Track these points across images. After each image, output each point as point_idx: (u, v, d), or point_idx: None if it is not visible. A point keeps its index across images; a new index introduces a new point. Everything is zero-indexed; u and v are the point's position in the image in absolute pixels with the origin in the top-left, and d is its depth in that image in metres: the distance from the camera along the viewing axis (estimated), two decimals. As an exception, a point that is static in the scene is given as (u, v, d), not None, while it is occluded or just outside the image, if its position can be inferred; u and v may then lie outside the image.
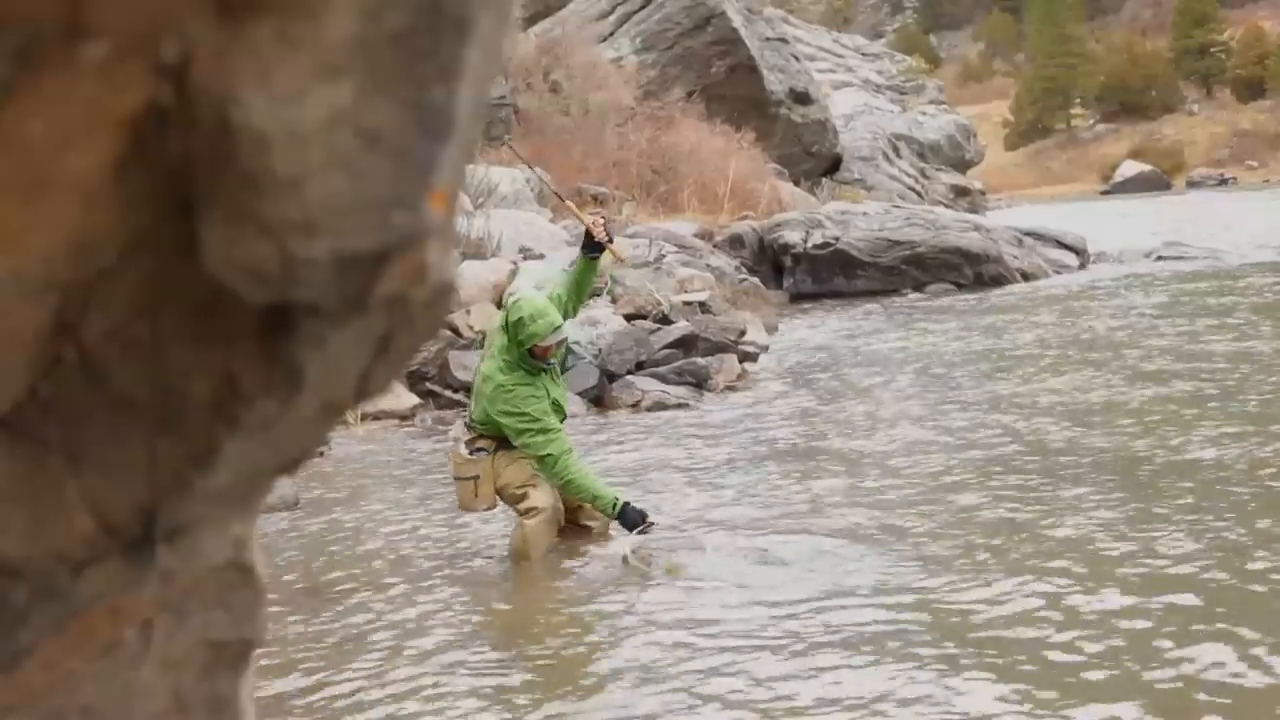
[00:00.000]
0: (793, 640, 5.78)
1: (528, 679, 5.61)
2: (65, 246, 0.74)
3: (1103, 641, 5.49)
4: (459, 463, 7.58)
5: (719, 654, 5.67)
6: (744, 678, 5.36)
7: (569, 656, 5.87)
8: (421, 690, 5.47)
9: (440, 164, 0.72)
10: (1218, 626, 5.58)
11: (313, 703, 5.43)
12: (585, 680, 5.58)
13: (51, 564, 0.82)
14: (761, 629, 5.96)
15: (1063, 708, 4.86)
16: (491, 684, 5.56)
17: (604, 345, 13.10)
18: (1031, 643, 5.55)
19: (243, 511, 0.91)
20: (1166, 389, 11.48)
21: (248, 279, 0.73)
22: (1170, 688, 5.00)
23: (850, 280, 23.21)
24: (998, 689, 5.08)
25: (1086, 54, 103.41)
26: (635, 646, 5.88)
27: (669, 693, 5.26)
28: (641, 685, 5.41)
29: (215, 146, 0.70)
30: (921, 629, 5.83)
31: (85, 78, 0.70)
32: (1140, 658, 5.29)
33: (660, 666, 5.57)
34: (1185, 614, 5.75)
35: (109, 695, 0.88)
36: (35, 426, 0.79)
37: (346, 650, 6.04)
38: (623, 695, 5.33)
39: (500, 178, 19.90)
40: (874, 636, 5.77)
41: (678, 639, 5.89)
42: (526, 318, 7.32)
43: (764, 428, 11.24)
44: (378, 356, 0.79)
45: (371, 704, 5.36)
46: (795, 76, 34.18)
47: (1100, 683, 5.08)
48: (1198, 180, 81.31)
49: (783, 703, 5.09)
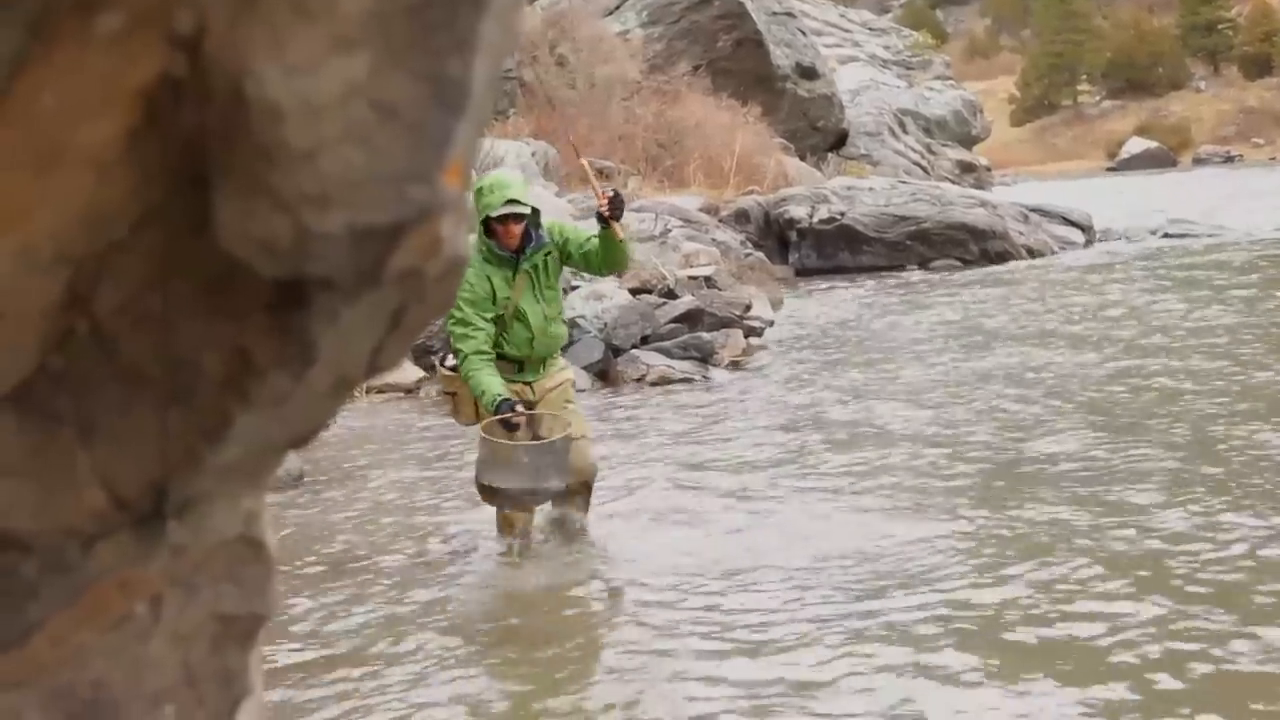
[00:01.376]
0: (785, 627, 5.79)
1: (524, 658, 5.63)
2: (78, 219, 0.73)
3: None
4: (441, 376, 7.25)
5: (724, 632, 5.69)
6: (742, 648, 5.39)
7: (573, 630, 5.89)
8: (412, 671, 5.49)
9: (455, 138, 0.72)
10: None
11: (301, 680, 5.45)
12: (585, 661, 5.60)
13: (62, 538, 0.82)
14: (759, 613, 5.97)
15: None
16: (493, 660, 5.58)
17: (609, 319, 13.09)
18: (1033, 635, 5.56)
19: (253, 486, 0.91)
20: (1180, 362, 11.48)
21: (261, 252, 0.72)
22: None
23: (855, 256, 23.17)
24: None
25: (1093, 30, 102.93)
26: (638, 632, 5.90)
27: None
28: (645, 671, 5.43)
29: (229, 119, 0.70)
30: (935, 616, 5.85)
31: (98, 50, 0.69)
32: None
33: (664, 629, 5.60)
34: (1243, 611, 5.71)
35: (119, 669, 0.88)
36: (46, 400, 0.79)
37: (338, 620, 6.06)
38: (625, 666, 5.35)
39: (506, 150, 19.85)
40: (883, 623, 5.78)
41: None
42: (485, 187, 6.70)
43: (768, 402, 11.24)
44: (390, 330, 0.78)
45: (358, 681, 5.38)
46: (802, 51, 34.04)
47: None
48: (1204, 157, 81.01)
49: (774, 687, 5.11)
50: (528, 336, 6.87)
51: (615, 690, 5.14)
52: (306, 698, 5.18)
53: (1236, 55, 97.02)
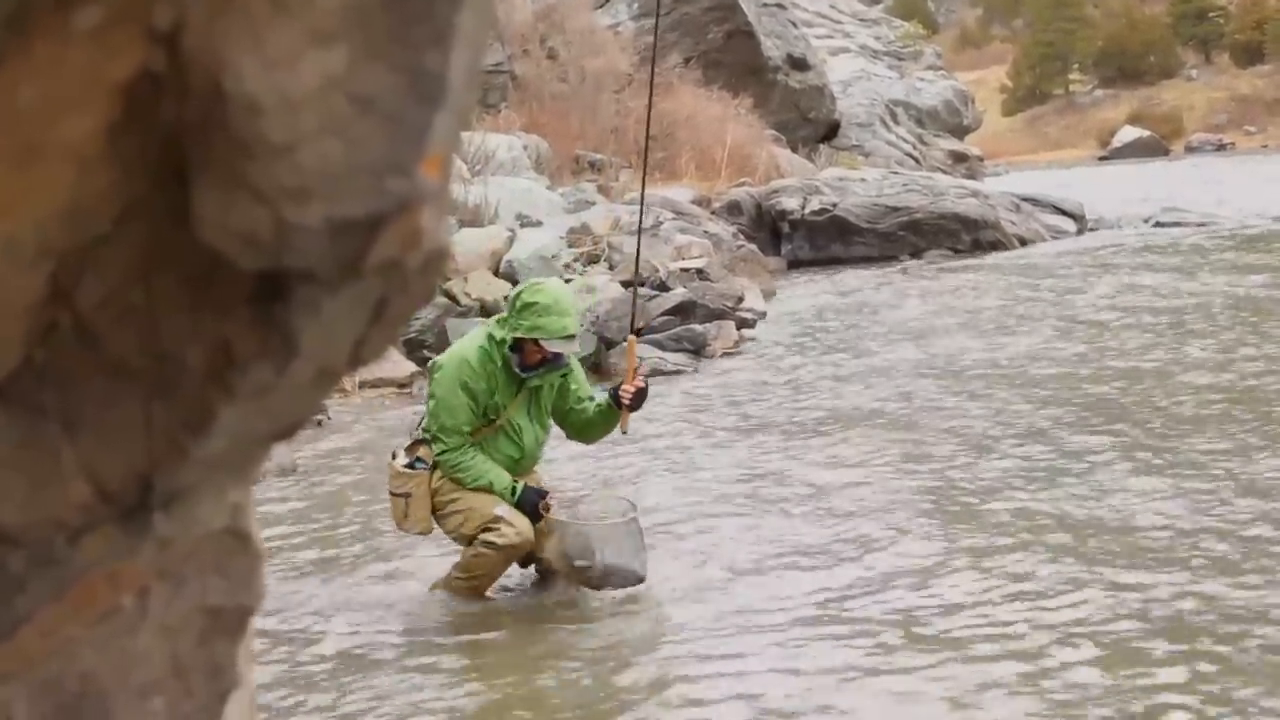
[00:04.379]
0: (780, 616, 5.80)
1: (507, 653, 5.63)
2: (59, 213, 0.73)
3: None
4: (393, 474, 6.24)
5: (734, 616, 5.70)
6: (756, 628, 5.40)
7: (565, 618, 5.89)
8: (400, 666, 5.50)
9: (434, 129, 0.72)
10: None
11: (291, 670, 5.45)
12: (584, 646, 5.61)
13: (49, 531, 0.82)
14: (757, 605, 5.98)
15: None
16: (476, 663, 5.58)
17: (601, 312, 13.09)
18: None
19: (239, 478, 0.92)
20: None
21: (241, 245, 0.72)
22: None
23: (848, 247, 23.16)
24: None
25: (1085, 19, 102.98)
26: (640, 618, 5.91)
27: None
28: (653, 651, 5.44)
29: (208, 112, 0.70)
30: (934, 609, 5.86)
31: (78, 44, 0.69)
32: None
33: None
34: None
35: (107, 661, 0.88)
36: (31, 394, 0.79)
37: (326, 620, 6.05)
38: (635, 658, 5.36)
39: (498, 144, 19.83)
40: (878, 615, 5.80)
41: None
42: (541, 305, 5.90)
43: (760, 394, 11.24)
44: (372, 322, 0.79)
45: (347, 671, 5.39)
46: (792, 42, 34.04)
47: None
48: (1196, 146, 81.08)
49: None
50: (516, 456, 6.20)
51: (612, 678, 5.15)
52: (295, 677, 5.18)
53: (1228, 43, 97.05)
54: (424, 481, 6.11)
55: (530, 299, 5.91)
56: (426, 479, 6.11)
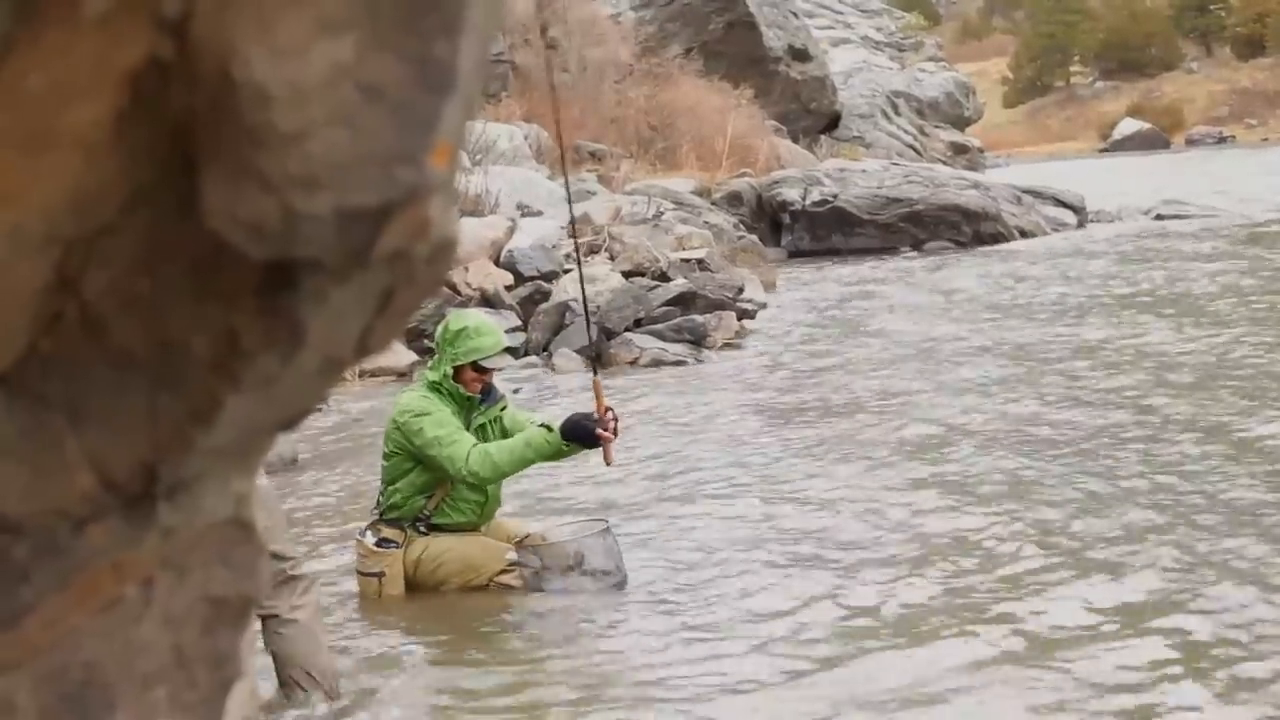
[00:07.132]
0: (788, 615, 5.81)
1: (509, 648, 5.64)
2: (66, 201, 0.73)
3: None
4: (365, 553, 6.17)
5: (737, 599, 5.70)
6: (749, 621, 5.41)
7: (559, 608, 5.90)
8: (394, 658, 5.51)
9: (443, 119, 0.72)
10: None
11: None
12: (582, 636, 5.61)
13: (53, 521, 0.82)
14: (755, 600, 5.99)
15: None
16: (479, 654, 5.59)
17: (602, 302, 13.10)
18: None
19: (243, 468, 0.91)
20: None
21: (249, 235, 0.72)
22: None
23: (848, 238, 23.17)
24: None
25: (1086, 11, 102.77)
26: (642, 613, 5.92)
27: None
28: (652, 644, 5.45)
29: (216, 101, 0.70)
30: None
31: (86, 32, 0.69)
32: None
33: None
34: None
35: (110, 651, 0.88)
36: (36, 383, 0.79)
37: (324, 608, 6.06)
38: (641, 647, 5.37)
39: (499, 134, 19.83)
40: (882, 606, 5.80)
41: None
42: (471, 328, 6.01)
43: (761, 384, 11.24)
44: (379, 312, 0.78)
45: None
46: (794, 33, 34.01)
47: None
48: (1197, 138, 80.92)
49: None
50: (479, 500, 6.17)
51: (608, 669, 5.16)
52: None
53: (1229, 36, 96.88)
54: (397, 560, 6.09)
55: (457, 327, 6.03)
56: (399, 558, 6.09)
